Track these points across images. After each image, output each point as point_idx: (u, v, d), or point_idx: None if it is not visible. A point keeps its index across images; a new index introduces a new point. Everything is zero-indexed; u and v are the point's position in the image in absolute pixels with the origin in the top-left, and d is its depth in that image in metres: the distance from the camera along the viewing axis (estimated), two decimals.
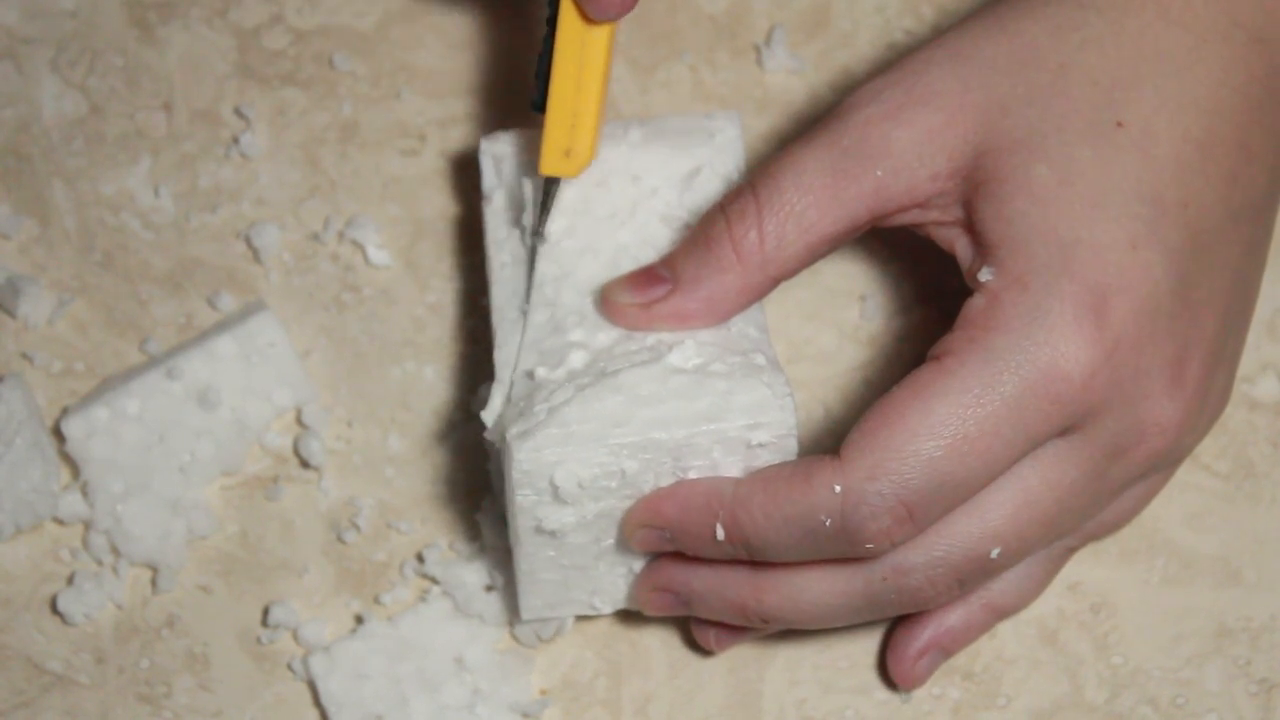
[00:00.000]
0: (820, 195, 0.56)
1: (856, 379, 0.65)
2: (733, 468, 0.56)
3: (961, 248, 0.56)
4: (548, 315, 0.59)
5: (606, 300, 0.58)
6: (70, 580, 0.63)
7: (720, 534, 0.55)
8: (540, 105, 0.59)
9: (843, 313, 0.66)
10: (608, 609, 0.60)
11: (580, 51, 0.59)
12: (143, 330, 0.66)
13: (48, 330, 0.66)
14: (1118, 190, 0.53)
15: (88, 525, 0.63)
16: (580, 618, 0.63)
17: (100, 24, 0.68)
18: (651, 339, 0.58)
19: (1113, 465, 0.55)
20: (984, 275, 0.54)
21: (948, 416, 0.52)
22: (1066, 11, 0.55)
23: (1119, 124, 0.54)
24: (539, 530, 0.56)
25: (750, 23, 0.68)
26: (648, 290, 0.57)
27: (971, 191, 0.55)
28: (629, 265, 0.60)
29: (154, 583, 0.63)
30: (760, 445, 0.55)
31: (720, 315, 0.57)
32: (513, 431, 0.56)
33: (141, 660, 0.63)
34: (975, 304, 0.54)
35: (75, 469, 0.64)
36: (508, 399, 0.58)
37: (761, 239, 0.56)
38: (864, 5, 0.68)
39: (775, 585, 0.56)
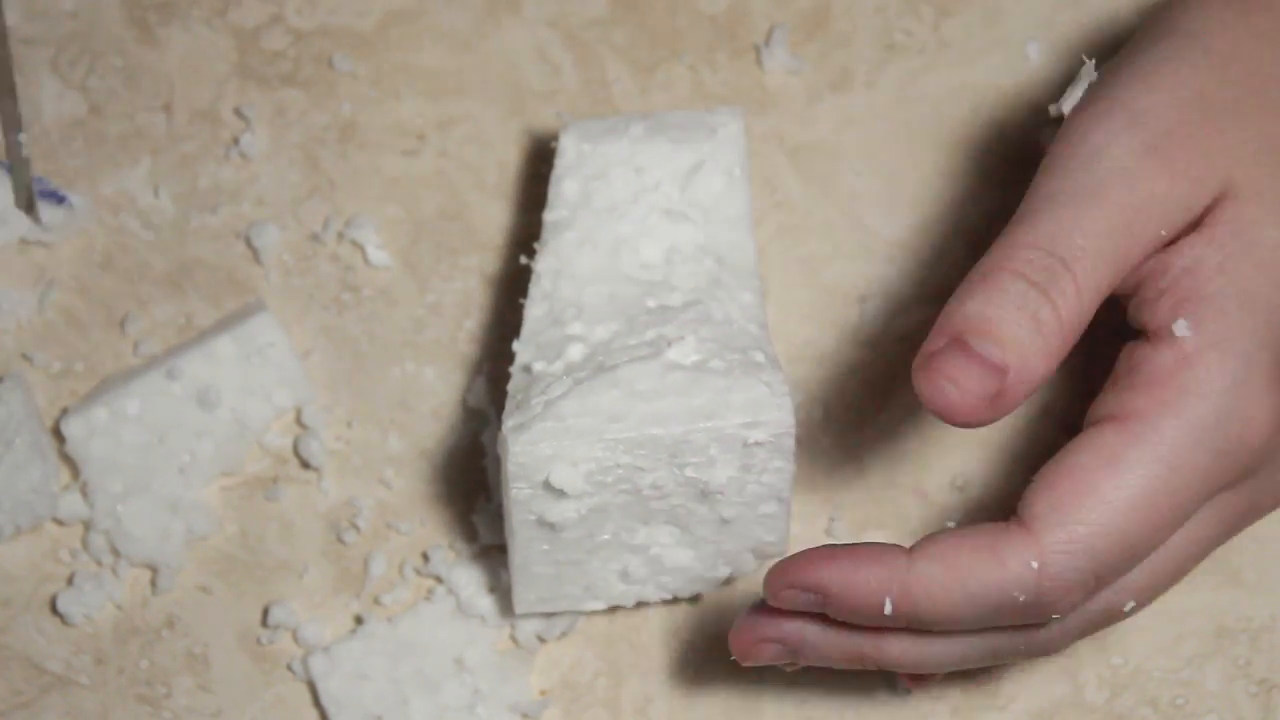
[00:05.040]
0: (1113, 262, 0.51)
1: (856, 380, 0.65)
2: (729, 466, 0.56)
3: (1148, 284, 0.52)
4: (545, 308, 0.59)
5: (934, 393, 0.51)
6: (70, 581, 0.63)
7: (889, 609, 0.51)
8: None
9: (843, 314, 0.66)
10: (601, 605, 0.60)
11: None
12: (143, 330, 0.66)
13: (48, 330, 0.66)
14: None
15: (87, 526, 0.63)
16: (582, 618, 0.63)
17: (100, 24, 0.68)
18: (651, 333, 0.58)
19: (1244, 521, 0.54)
20: (1180, 329, 0.51)
21: (1144, 489, 0.50)
22: None
23: None
24: (533, 523, 0.57)
25: (750, 23, 0.68)
26: (983, 380, 0.50)
27: (1191, 232, 0.52)
28: (628, 257, 0.60)
29: (154, 583, 0.63)
30: (757, 444, 0.55)
31: (1017, 404, 0.51)
32: (509, 424, 0.56)
33: (141, 661, 0.63)
34: (1162, 361, 0.51)
35: (75, 469, 0.64)
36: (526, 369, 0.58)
37: (1080, 318, 0.51)
38: (864, 5, 0.68)
39: (900, 635, 0.53)
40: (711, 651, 0.63)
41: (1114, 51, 0.67)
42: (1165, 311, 0.51)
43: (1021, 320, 0.50)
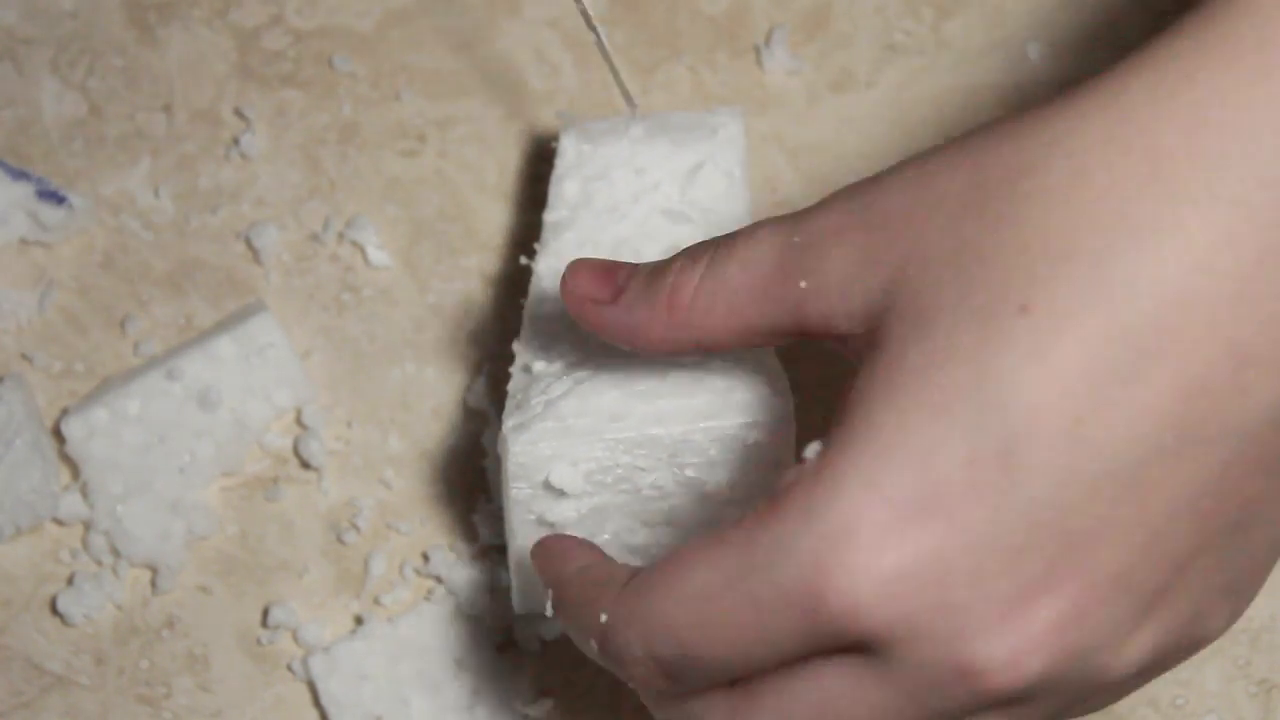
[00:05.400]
0: (756, 283, 0.49)
1: None
2: (729, 466, 0.56)
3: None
4: (546, 309, 0.59)
5: (564, 275, 0.53)
6: (70, 581, 0.64)
7: (549, 601, 0.52)
8: None
9: None
10: None
11: None
12: (143, 331, 0.66)
13: (48, 331, 0.66)
14: (978, 393, 0.43)
15: (87, 526, 0.63)
16: None
17: (100, 24, 0.68)
18: None
19: (935, 696, 0.45)
20: (809, 450, 0.46)
21: (700, 590, 0.46)
22: (1032, 149, 0.44)
23: (1023, 308, 0.43)
24: (533, 523, 0.57)
25: (750, 23, 0.68)
26: (597, 286, 0.53)
27: (867, 351, 0.46)
28: (629, 258, 0.60)
29: (154, 583, 0.63)
30: (757, 444, 0.55)
31: (637, 349, 0.52)
32: (509, 424, 0.56)
33: (141, 661, 0.63)
34: (787, 476, 0.46)
35: (75, 470, 0.64)
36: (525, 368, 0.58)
37: (693, 299, 0.50)
38: (864, 5, 0.68)
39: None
40: None
41: (1114, 52, 0.68)
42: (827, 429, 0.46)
43: (654, 267, 0.51)
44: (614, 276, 0.53)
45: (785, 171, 0.67)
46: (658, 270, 0.52)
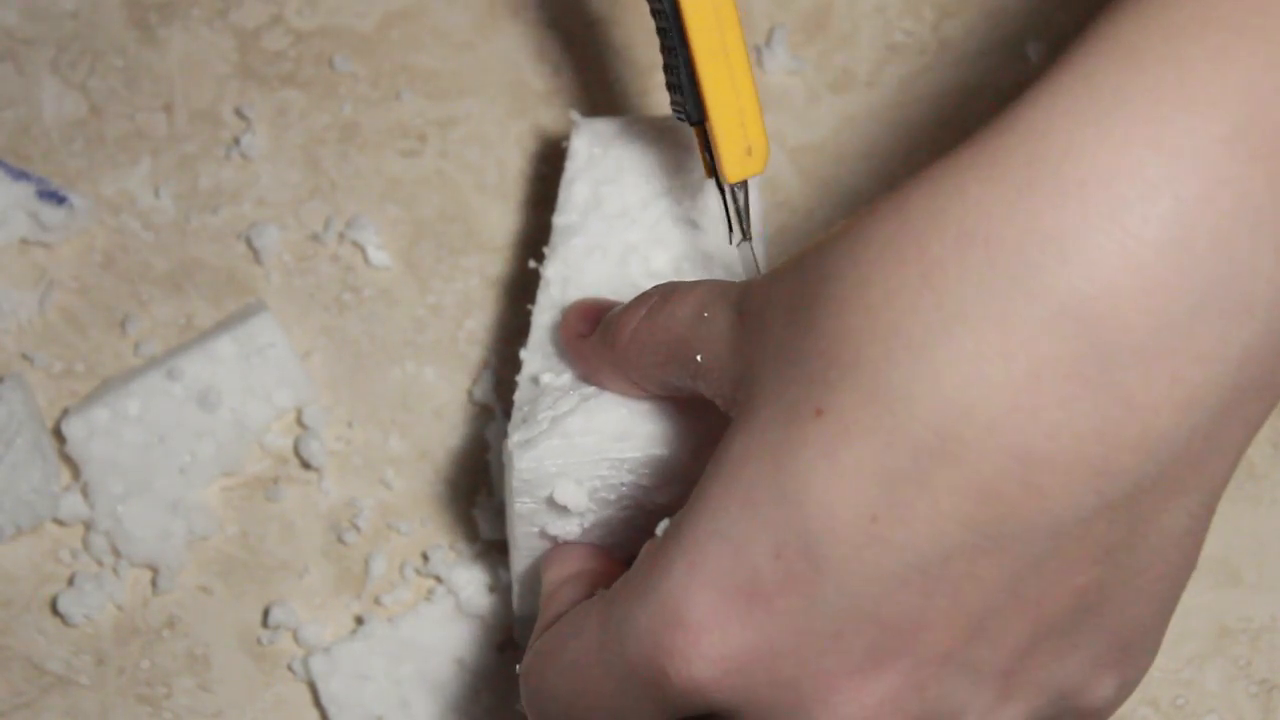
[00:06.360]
0: (672, 342, 0.51)
1: None
2: None
3: None
4: (554, 317, 0.59)
5: (563, 311, 0.57)
6: (70, 581, 0.64)
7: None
8: (698, 115, 0.56)
9: None
10: None
11: (721, 42, 0.55)
12: (143, 331, 0.66)
13: (48, 331, 0.66)
14: (778, 489, 0.44)
15: (88, 526, 0.63)
16: None
17: (100, 24, 0.68)
18: None
19: None
20: (660, 527, 0.47)
21: (572, 661, 0.48)
22: (836, 256, 0.45)
23: (818, 411, 0.44)
24: (536, 535, 0.56)
25: (750, 23, 0.68)
26: (581, 321, 0.56)
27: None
28: (638, 265, 0.60)
29: (154, 583, 0.63)
30: None
31: (596, 385, 0.55)
32: (515, 439, 0.55)
33: (142, 661, 0.63)
34: (643, 549, 0.48)
35: (75, 470, 0.64)
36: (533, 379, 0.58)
37: (628, 341, 0.52)
38: (864, 5, 0.68)
39: None
40: None
41: None
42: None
43: (621, 309, 0.53)
44: (599, 313, 0.55)
45: (785, 171, 0.67)
46: (621, 311, 0.53)
